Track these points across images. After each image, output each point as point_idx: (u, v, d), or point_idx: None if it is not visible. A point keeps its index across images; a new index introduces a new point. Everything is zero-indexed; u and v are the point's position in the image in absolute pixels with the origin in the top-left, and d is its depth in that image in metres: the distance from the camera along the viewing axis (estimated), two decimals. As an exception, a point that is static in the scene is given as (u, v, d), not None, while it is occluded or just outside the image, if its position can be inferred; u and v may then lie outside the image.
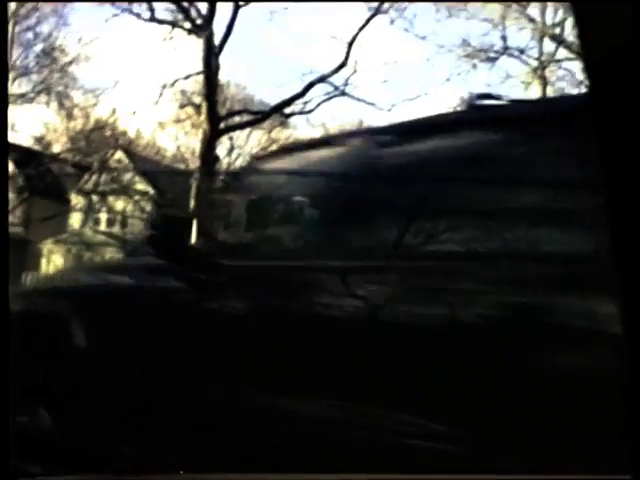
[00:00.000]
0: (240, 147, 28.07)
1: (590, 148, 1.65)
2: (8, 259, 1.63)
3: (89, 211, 24.69)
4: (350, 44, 18.44)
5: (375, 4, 17.77)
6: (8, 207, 1.94)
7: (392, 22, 18.58)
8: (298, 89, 18.97)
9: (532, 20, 18.25)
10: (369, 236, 2.58)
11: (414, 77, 46.12)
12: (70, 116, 21.51)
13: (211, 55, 18.07)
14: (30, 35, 19.90)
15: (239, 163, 26.42)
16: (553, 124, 2.19)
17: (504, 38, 18.96)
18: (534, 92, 19.34)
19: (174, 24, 18.63)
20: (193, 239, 3.32)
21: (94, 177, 23.02)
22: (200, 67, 18.28)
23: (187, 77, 19.36)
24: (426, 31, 36.40)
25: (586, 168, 1.69)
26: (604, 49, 1.05)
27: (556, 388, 1.86)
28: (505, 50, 18.97)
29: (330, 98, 19.16)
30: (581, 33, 1.09)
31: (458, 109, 2.79)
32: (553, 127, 2.18)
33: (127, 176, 22.76)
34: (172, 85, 19.42)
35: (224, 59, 24.94)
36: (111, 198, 23.07)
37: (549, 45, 18.97)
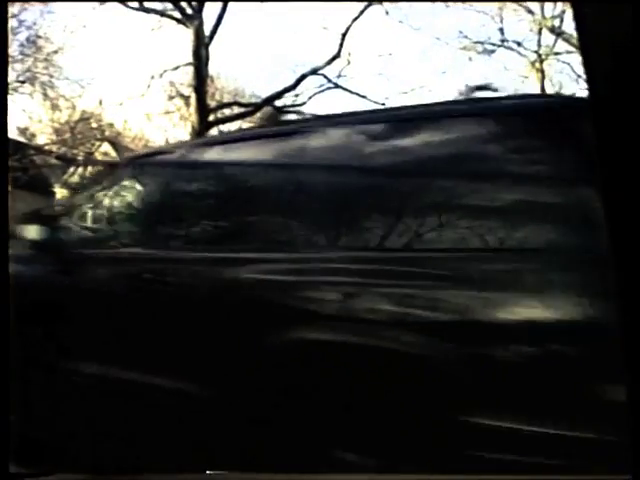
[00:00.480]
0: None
1: (564, 145, 2.06)
2: (8, 256, 1.65)
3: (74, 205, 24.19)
4: (344, 35, 18.13)
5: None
6: (8, 204, 1.88)
7: (387, 13, 18.31)
8: (290, 81, 18.67)
9: (530, 12, 17.95)
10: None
11: (409, 69, 45.79)
12: (55, 107, 20.97)
13: (201, 45, 17.67)
14: (13, 22, 19.30)
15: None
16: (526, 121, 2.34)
17: (502, 30, 18.71)
18: (532, 85, 19.06)
19: (163, 13, 18.23)
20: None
21: (79, 170, 22.53)
22: (189, 58, 17.90)
23: (176, 68, 19.01)
24: (422, 23, 36.01)
25: (562, 165, 2.13)
26: (603, 48, 1.04)
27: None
28: (503, 42, 18.71)
29: (323, 91, 18.84)
30: (580, 31, 1.10)
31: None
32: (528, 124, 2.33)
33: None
34: (160, 76, 19.08)
35: (214, 50, 24.49)
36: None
37: (548, 37, 18.70)
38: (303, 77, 18.45)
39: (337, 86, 18.73)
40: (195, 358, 2.63)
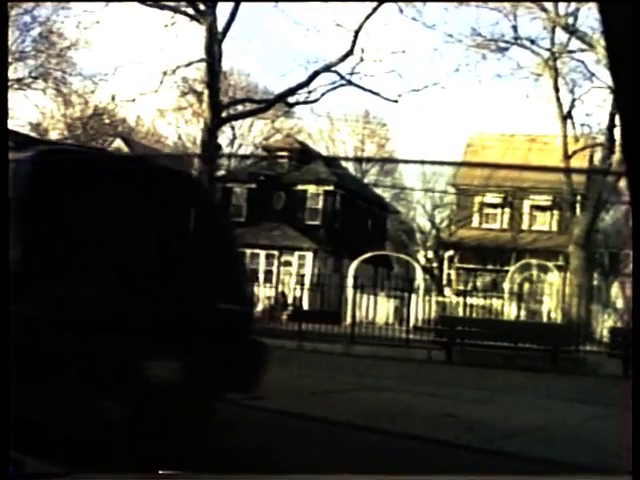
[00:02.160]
0: (243, 136, 27.72)
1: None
2: (8, 255, 1.64)
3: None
4: (357, 32, 18.08)
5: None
6: (9, 203, 1.85)
7: (400, 11, 18.23)
8: (303, 78, 18.66)
9: (544, 9, 17.82)
10: None
11: (422, 67, 45.69)
12: (68, 102, 20.99)
13: (214, 42, 17.64)
14: (27, 18, 19.34)
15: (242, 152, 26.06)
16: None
17: (515, 28, 18.63)
18: (545, 83, 18.97)
19: (176, 10, 18.20)
20: None
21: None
22: (202, 54, 17.86)
23: (189, 64, 18.99)
24: (435, 20, 35.84)
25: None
26: (629, 46, 0.99)
27: None
28: (516, 40, 18.62)
29: (335, 87, 18.84)
30: (606, 30, 1.05)
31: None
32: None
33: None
34: (173, 72, 19.05)
35: (227, 46, 24.48)
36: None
37: (561, 35, 18.59)
38: (316, 74, 18.41)
39: (350, 83, 18.72)
40: None
